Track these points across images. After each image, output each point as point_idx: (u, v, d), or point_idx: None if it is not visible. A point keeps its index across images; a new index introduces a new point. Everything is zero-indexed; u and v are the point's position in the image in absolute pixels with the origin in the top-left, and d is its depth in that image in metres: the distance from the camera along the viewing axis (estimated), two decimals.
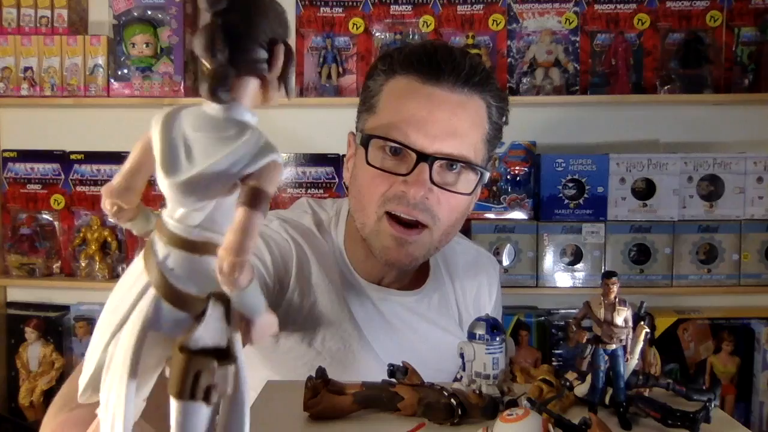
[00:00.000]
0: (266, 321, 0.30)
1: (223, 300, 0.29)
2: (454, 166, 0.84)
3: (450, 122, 0.82)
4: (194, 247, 0.29)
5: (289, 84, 0.30)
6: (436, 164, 0.82)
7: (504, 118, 0.90)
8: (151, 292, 0.29)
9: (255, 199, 0.28)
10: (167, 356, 0.30)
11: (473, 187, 0.87)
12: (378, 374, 0.78)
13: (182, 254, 0.29)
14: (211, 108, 0.28)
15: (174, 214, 0.30)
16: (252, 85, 0.29)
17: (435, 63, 0.82)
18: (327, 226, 0.97)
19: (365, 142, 0.84)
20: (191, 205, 0.29)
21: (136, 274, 0.30)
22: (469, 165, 0.85)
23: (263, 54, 0.28)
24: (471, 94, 0.84)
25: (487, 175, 0.89)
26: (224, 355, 0.29)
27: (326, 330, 0.92)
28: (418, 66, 0.82)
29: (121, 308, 0.30)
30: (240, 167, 0.28)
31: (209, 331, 0.29)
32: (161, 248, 0.29)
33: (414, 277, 1.00)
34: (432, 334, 0.98)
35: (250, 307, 0.29)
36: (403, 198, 0.82)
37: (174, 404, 0.29)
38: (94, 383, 0.32)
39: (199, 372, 0.28)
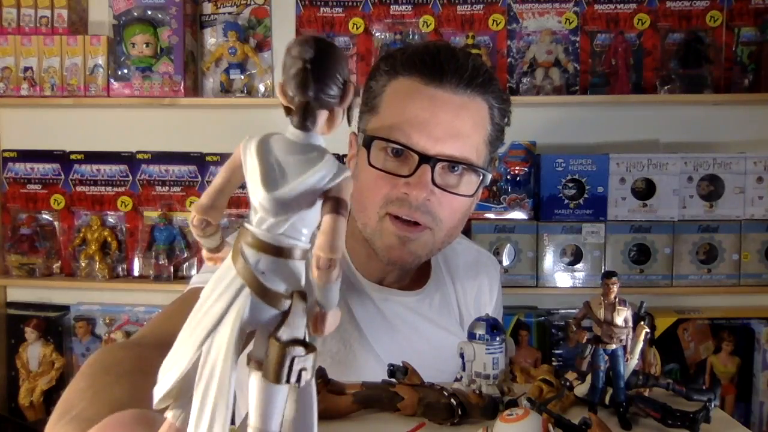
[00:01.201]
0: (336, 314, 0.35)
1: (303, 297, 0.35)
2: (456, 168, 0.84)
3: (452, 124, 0.82)
4: (281, 251, 0.35)
5: (352, 114, 0.37)
6: (438, 166, 0.82)
7: (506, 120, 0.89)
8: (246, 292, 0.34)
9: (339, 207, 0.34)
10: None
11: (475, 188, 0.87)
12: (379, 374, 0.78)
13: (271, 258, 0.35)
14: (295, 135, 0.35)
15: (262, 224, 0.35)
16: (324, 115, 0.35)
17: (438, 64, 0.81)
18: None
19: (367, 143, 0.84)
20: (281, 216, 0.34)
21: (225, 282, 0.35)
22: (471, 167, 0.84)
23: (337, 91, 0.35)
24: (473, 95, 0.83)
25: (489, 176, 0.88)
26: (306, 344, 0.35)
27: None
28: (421, 67, 0.82)
29: (213, 311, 0.35)
30: (324, 183, 0.34)
31: (294, 324, 0.35)
32: (252, 254, 0.35)
33: (415, 277, 1.00)
34: (433, 335, 0.98)
35: (330, 300, 0.35)
36: (405, 200, 0.82)
37: (261, 387, 0.35)
38: (183, 386, 0.36)
39: (293, 359, 0.34)
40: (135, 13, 1.78)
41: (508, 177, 1.78)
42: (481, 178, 0.86)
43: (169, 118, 1.91)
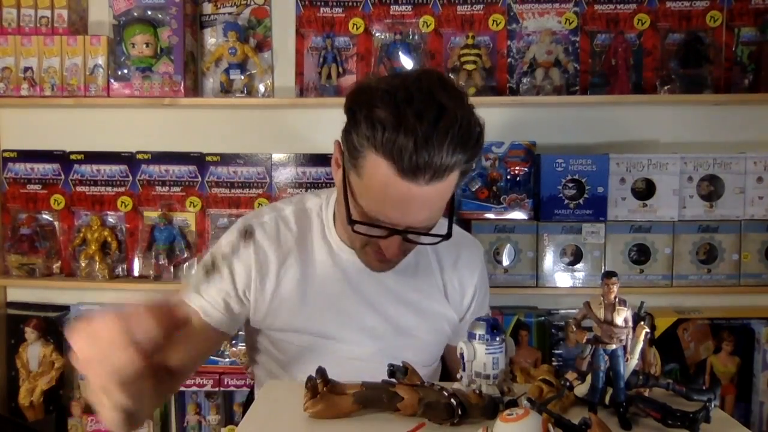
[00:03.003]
0: None
1: None
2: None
3: (422, 210, 0.91)
4: None
5: None
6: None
7: (474, 164, 0.94)
8: None
9: None
10: None
11: (446, 227, 0.97)
12: (371, 323, 1.07)
13: None
14: None
15: None
16: None
17: (413, 163, 0.84)
18: (319, 209, 1.12)
19: (351, 222, 0.94)
20: None
21: None
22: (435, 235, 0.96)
23: None
24: (445, 177, 0.88)
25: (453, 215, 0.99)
26: None
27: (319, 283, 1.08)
28: (398, 161, 0.84)
29: None
30: None
31: None
32: None
33: None
34: (412, 296, 1.11)
35: None
36: (379, 251, 0.97)
37: None
38: None
39: None
40: (135, 14, 1.78)
41: (508, 177, 1.78)
42: (447, 219, 0.97)
43: (169, 118, 1.91)
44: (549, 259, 1.75)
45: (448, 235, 0.96)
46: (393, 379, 0.78)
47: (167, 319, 0.68)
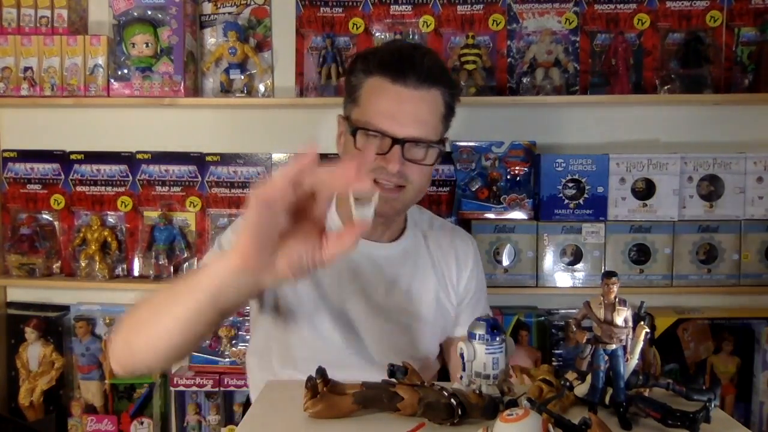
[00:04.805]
0: None
1: None
2: (420, 145, 1.08)
3: (415, 113, 1.06)
4: None
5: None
6: (407, 144, 1.06)
7: (456, 100, 1.13)
8: None
9: None
10: None
11: (434, 158, 1.11)
12: (369, 319, 1.14)
13: None
14: None
15: None
16: None
17: (401, 67, 1.06)
18: None
19: (353, 132, 1.08)
20: None
21: None
22: (431, 143, 1.09)
23: None
24: (429, 88, 1.07)
25: (444, 148, 1.13)
26: None
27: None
28: (389, 69, 1.06)
29: None
30: None
31: None
32: None
33: (393, 234, 1.22)
34: (409, 279, 1.20)
35: None
36: (383, 169, 1.06)
37: None
38: None
39: None
40: (135, 13, 1.78)
41: (508, 177, 1.78)
42: (438, 150, 1.11)
43: (169, 118, 1.91)
44: (549, 259, 1.75)
45: (440, 155, 1.11)
46: (393, 379, 0.78)
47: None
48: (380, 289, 1.17)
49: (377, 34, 1.83)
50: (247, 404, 1.75)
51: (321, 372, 0.76)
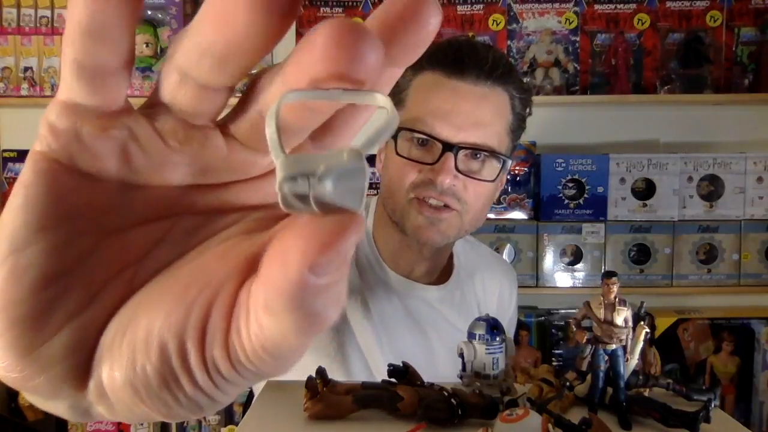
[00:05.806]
0: None
1: None
2: (478, 155, 0.87)
3: (474, 113, 0.85)
4: None
5: None
6: (461, 153, 0.85)
7: (528, 110, 0.94)
8: None
9: None
10: None
11: (497, 174, 0.90)
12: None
13: None
14: None
15: None
16: None
17: (459, 58, 0.85)
18: None
19: (395, 134, 0.86)
20: None
21: None
22: (492, 153, 0.87)
23: None
24: (494, 86, 0.86)
25: (510, 163, 0.92)
26: None
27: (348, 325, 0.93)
28: (443, 61, 0.85)
29: None
30: None
31: None
32: None
33: (440, 274, 1.02)
34: (451, 335, 0.97)
35: None
36: (431, 184, 0.85)
37: None
38: None
39: None
40: None
41: (508, 177, 1.78)
42: (502, 164, 0.90)
43: None
44: (549, 259, 1.75)
45: (503, 171, 0.90)
46: (393, 379, 0.78)
47: None
48: (407, 345, 0.95)
49: None
50: (247, 404, 1.75)
51: (321, 372, 0.76)
